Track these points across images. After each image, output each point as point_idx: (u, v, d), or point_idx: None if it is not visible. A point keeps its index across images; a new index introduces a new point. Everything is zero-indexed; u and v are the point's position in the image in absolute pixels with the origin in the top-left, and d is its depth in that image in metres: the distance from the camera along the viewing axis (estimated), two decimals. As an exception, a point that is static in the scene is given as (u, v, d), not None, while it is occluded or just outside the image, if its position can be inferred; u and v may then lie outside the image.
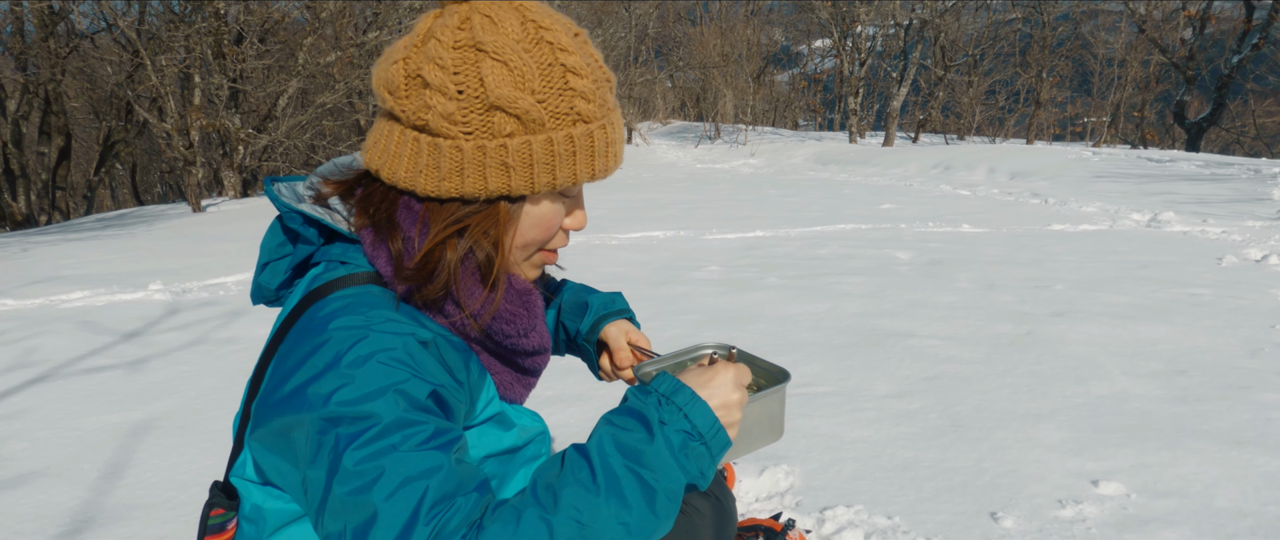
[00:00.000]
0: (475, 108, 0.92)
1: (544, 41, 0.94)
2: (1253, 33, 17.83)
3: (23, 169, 16.11)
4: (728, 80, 24.43)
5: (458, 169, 0.94)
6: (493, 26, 0.93)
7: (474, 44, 0.92)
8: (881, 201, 9.72)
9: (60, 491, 2.41)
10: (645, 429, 0.92)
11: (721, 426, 0.95)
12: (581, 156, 0.97)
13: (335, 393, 0.86)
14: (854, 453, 2.48)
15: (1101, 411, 2.77)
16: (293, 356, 0.92)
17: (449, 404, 0.93)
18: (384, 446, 0.83)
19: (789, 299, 4.55)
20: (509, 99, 0.92)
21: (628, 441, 0.91)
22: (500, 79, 0.92)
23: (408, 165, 0.96)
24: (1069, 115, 30.67)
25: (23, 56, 15.80)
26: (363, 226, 1.00)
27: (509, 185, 0.95)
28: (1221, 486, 2.22)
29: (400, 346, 0.90)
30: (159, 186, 27.01)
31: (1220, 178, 9.94)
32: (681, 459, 0.91)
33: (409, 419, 0.86)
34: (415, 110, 0.94)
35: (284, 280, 1.10)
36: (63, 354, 3.89)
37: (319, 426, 0.85)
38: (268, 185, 1.07)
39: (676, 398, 0.94)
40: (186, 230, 9.87)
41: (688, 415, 0.93)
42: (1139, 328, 3.79)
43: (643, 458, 0.90)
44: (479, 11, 0.95)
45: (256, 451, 0.95)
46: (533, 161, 0.94)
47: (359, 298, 0.95)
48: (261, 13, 14.11)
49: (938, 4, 20.70)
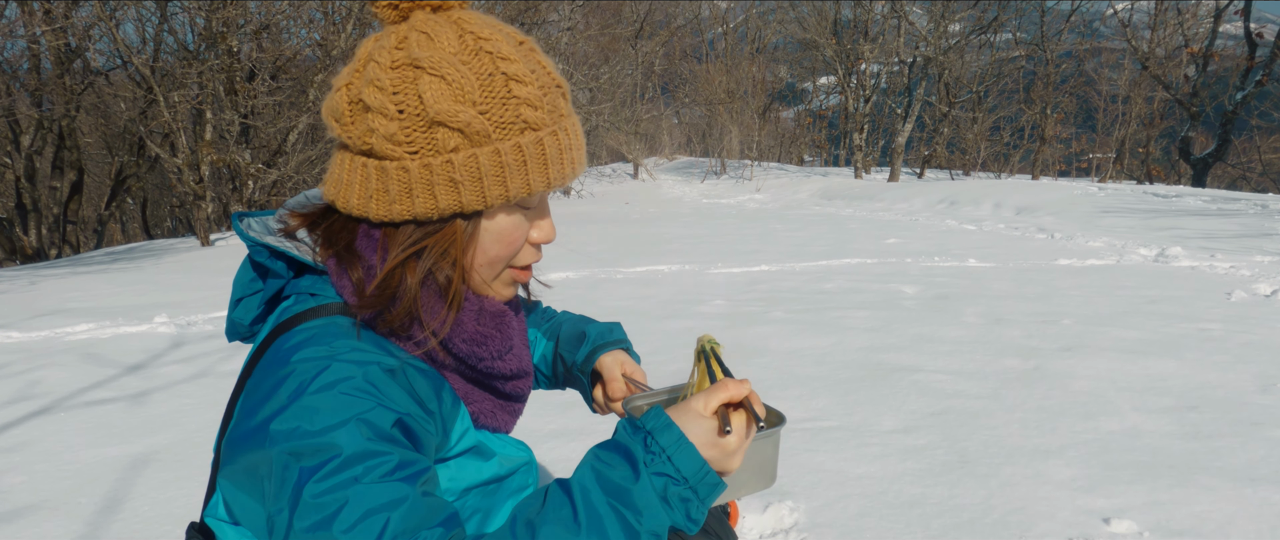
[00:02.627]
0: (417, 125, 0.91)
1: (484, 52, 0.93)
2: (1256, 70, 17.93)
3: (35, 203, 16.26)
4: (733, 116, 24.64)
5: (406, 190, 0.92)
6: (429, 42, 0.92)
7: (411, 62, 0.91)
8: (887, 236, 9.71)
9: (56, 526, 2.38)
10: (631, 467, 0.87)
11: (709, 469, 0.89)
12: (533, 166, 0.94)
13: (297, 426, 0.84)
14: (860, 489, 2.44)
15: (1112, 447, 2.72)
16: (258, 391, 0.90)
17: (416, 433, 0.90)
18: (345, 479, 0.81)
19: (794, 333, 4.52)
20: (449, 113, 0.90)
21: (613, 479, 0.87)
22: (439, 94, 0.90)
23: (359, 192, 0.94)
24: (1074, 151, 30.78)
25: (38, 92, 16.05)
26: (327, 258, 0.99)
27: (460, 202, 0.93)
28: (1237, 524, 2.17)
29: (362, 375, 0.87)
30: (169, 221, 27.22)
31: (1227, 213, 9.91)
32: (665, 505, 0.87)
33: (372, 450, 0.83)
34: (360, 135, 0.93)
35: (257, 315, 1.07)
36: (65, 387, 3.88)
37: (282, 462, 0.83)
38: (235, 220, 1.06)
39: (662, 437, 0.88)
40: (194, 264, 9.92)
41: (672, 459, 0.88)
42: (1149, 363, 3.74)
43: (627, 498, 0.86)
44: (416, 29, 0.93)
45: (225, 490, 0.93)
46: (481, 175, 0.92)
47: (324, 328, 0.93)
48: (274, 50, 14.33)
49: (941, 42, 20.90)
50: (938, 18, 20.70)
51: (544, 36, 19.83)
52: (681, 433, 0.89)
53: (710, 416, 0.91)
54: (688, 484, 0.88)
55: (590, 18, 23.39)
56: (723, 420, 0.90)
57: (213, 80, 12.83)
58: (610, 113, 23.78)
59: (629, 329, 1.48)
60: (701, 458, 0.88)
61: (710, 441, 0.89)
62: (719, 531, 1.51)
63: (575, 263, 8.01)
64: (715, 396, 0.92)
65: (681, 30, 34.21)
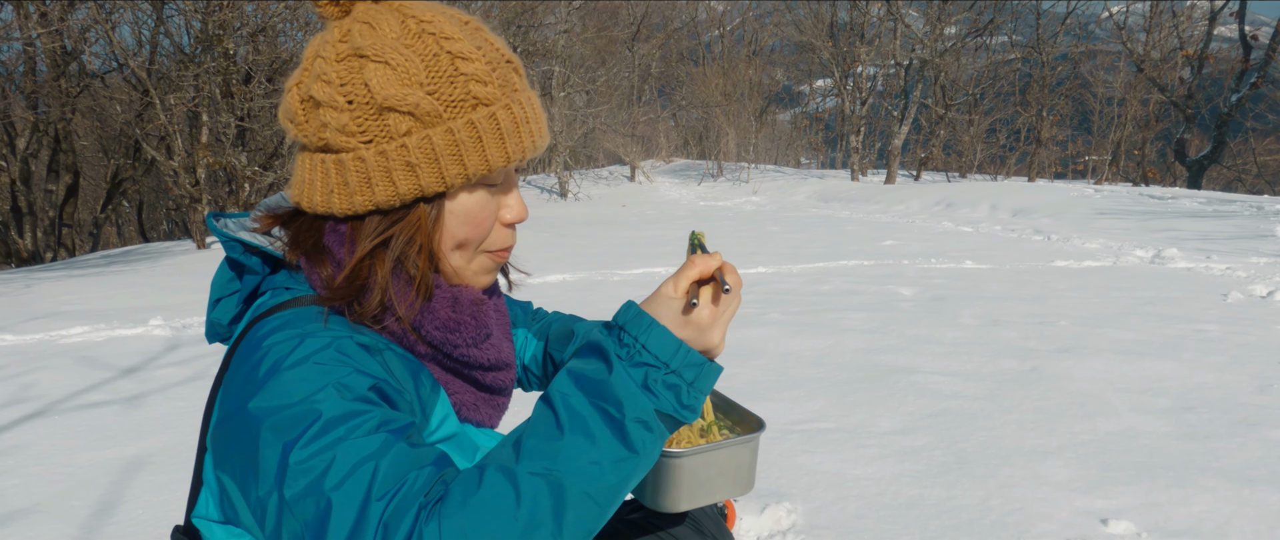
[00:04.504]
0: (367, 113, 0.91)
1: (426, 34, 0.93)
2: (1251, 72, 17.99)
3: (30, 206, 16.22)
4: (730, 119, 24.66)
5: (365, 180, 0.92)
6: (371, 31, 0.92)
7: (355, 52, 0.91)
8: (884, 238, 9.72)
9: (50, 529, 2.37)
10: (604, 363, 0.86)
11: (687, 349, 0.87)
12: (490, 141, 0.94)
13: (275, 402, 0.84)
14: (857, 491, 2.43)
15: (1110, 448, 2.72)
16: (235, 379, 0.90)
17: (392, 400, 0.90)
18: (330, 440, 0.81)
19: (791, 335, 4.52)
20: (397, 97, 0.90)
21: (589, 376, 0.86)
22: (385, 79, 0.90)
23: (320, 188, 0.95)
24: (1070, 154, 30.86)
25: (34, 95, 16.02)
26: (297, 258, 0.99)
27: (420, 185, 0.93)
28: (1234, 525, 2.16)
29: (334, 346, 0.88)
30: (165, 224, 27.16)
31: (1223, 215, 9.93)
32: (648, 393, 0.85)
33: (352, 410, 0.83)
34: (314, 132, 0.93)
35: (236, 315, 1.07)
36: (59, 390, 3.86)
37: (265, 440, 0.83)
38: (210, 219, 1.05)
39: (633, 328, 0.87)
40: (190, 267, 9.90)
41: (647, 347, 0.86)
42: (1145, 364, 3.75)
43: (606, 390, 0.84)
44: (358, 20, 0.94)
45: (222, 483, 0.93)
46: (437, 155, 0.92)
47: (297, 314, 0.94)
48: (270, 53, 14.31)
49: (937, 44, 20.95)
50: (934, 20, 20.75)
51: (541, 39, 19.85)
52: (652, 319, 0.87)
53: (680, 296, 0.89)
54: (669, 368, 0.86)
55: (587, 20, 23.40)
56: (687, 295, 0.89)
57: (209, 83, 12.81)
58: (607, 115, 23.80)
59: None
60: (676, 338, 0.86)
61: (681, 321, 0.87)
62: (717, 534, 1.50)
63: (572, 265, 8.01)
64: (684, 275, 0.90)
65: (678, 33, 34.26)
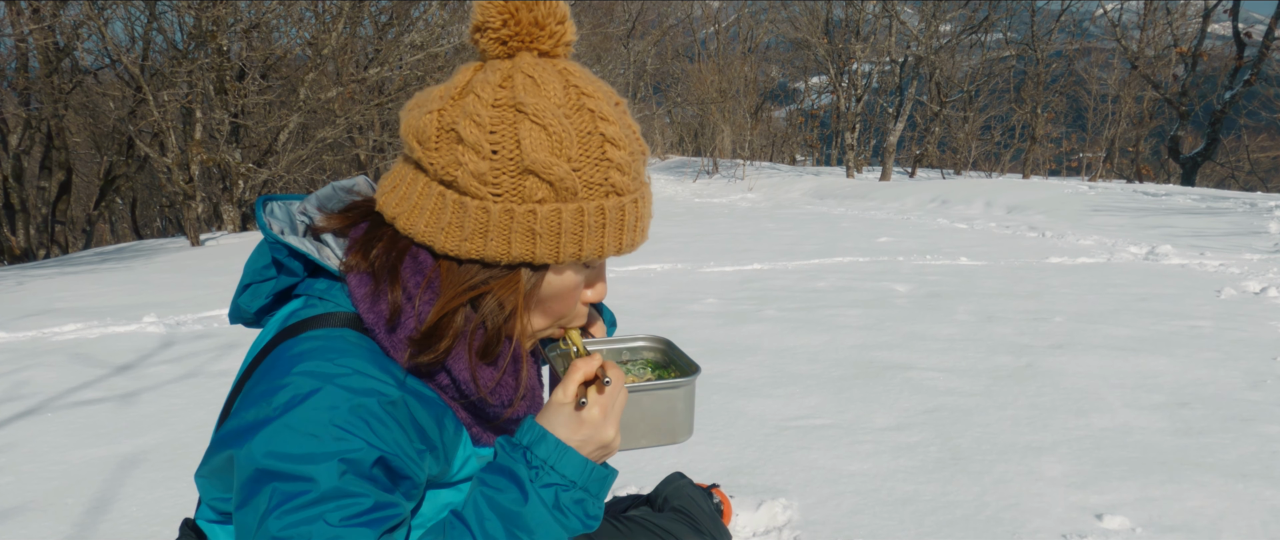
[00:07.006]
0: (508, 169, 0.89)
1: (585, 108, 0.91)
2: (1244, 69, 18.05)
3: (23, 203, 16.14)
4: (725, 116, 24.65)
5: (481, 230, 0.90)
6: (535, 88, 0.90)
7: (514, 104, 0.89)
8: (879, 235, 9.73)
9: (43, 526, 2.36)
10: (518, 488, 0.90)
11: (593, 466, 0.93)
12: (611, 229, 0.94)
13: (281, 444, 0.83)
14: (853, 486, 2.43)
15: (1104, 444, 2.73)
16: (254, 393, 0.89)
17: (399, 471, 0.89)
18: (312, 515, 0.82)
19: (787, 331, 4.52)
20: (544, 164, 0.89)
21: (503, 504, 0.90)
22: (537, 143, 0.89)
23: (429, 219, 0.92)
24: (1064, 151, 30.92)
25: (26, 92, 15.93)
26: (355, 268, 0.95)
27: (533, 252, 0.92)
28: (1229, 520, 2.17)
29: (353, 406, 0.86)
30: (158, 221, 27.05)
31: (1217, 211, 9.97)
32: (559, 514, 0.90)
33: (347, 489, 0.83)
34: (445, 165, 0.91)
35: (264, 305, 1.05)
36: (53, 387, 3.85)
37: (256, 475, 0.83)
38: (258, 206, 1.02)
39: (540, 449, 0.91)
40: (184, 264, 9.86)
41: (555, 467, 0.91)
42: (1140, 360, 3.76)
43: (520, 521, 0.89)
44: (522, 71, 0.91)
45: (200, 481, 0.93)
46: (561, 230, 0.91)
47: (331, 342, 0.91)
48: (264, 49, 14.25)
49: (932, 41, 20.96)
50: (929, 17, 20.76)
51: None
52: (557, 439, 0.91)
53: (571, 401, 0.93)
54: (578, 486, 0.91)
55: (582, 17, 23.36)
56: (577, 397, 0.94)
57: (202, 79, 12.75)
58: (602, 112, 23.70)
59: (622, 328, 1.47)
60: (582, 458, 0.91)
61: (576, 423, 0.92)
62: (713, 530, 1.50)
63: (568, 262, 7.98)
64: (571, 380, 0.94)
65: (673, 30, 34.21)
